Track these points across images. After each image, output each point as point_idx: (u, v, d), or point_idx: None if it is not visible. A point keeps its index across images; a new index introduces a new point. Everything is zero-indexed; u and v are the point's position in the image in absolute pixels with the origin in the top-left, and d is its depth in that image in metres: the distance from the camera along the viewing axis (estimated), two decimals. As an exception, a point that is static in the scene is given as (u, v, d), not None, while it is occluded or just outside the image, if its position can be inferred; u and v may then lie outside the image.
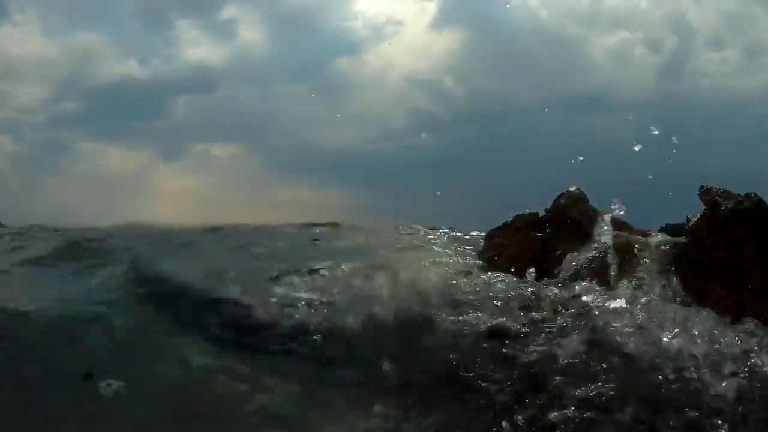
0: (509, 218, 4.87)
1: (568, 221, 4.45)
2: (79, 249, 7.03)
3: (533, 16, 25.35)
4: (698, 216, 4.27)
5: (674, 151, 4.65)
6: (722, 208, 4.26)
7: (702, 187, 4.64)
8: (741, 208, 4.29)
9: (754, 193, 4.43)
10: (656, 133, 4.61)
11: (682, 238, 4.29)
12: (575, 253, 4.24)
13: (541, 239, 4.48)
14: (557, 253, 4.39)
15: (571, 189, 4.61)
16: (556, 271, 4.22)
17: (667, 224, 4.81)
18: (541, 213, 4.69)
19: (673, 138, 4.65)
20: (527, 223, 4.61)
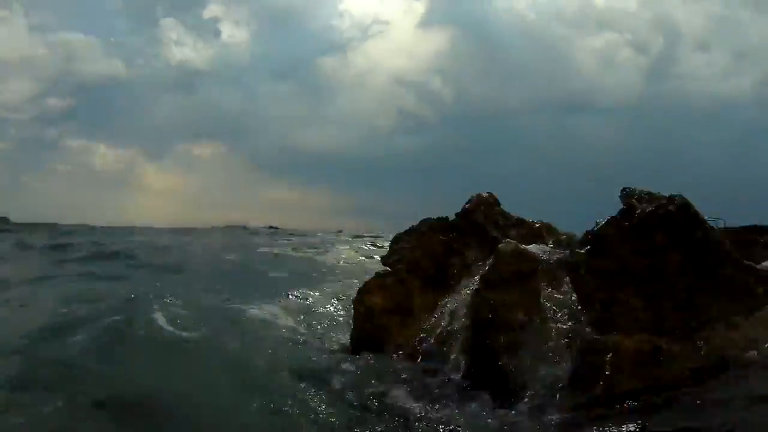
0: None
1: (474, 226, 4.15)
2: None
3: (521, 17, 25.07)
4: (605, 221, 3.86)
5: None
6: (637, 212, 3.83)
7: (624, 189, 4.20)
8: (661, 212, 3.84)
9: (680, 195, 3.96)
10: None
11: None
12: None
13: (444, 243, 4.18)
14: (459, 257, 4.09)
15: (482, 193, 4.32)
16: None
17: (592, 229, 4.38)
18: (452, 217, 4.40)
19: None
20: (433, 227, 4.31)
